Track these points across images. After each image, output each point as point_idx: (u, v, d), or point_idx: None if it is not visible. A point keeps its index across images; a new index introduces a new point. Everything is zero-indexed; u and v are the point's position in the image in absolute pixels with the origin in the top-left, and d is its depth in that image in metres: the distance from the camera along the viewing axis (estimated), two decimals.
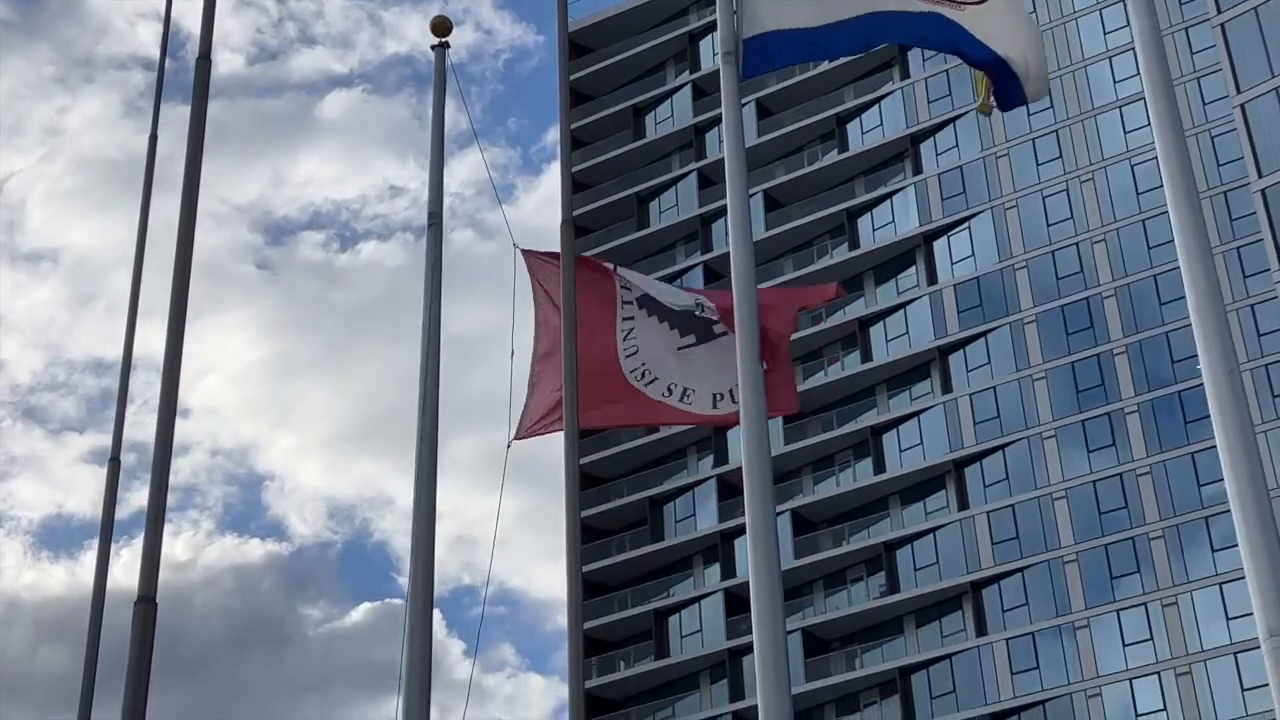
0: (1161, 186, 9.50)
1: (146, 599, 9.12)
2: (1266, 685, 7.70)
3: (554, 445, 12.86)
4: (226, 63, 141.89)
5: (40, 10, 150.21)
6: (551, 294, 13.38)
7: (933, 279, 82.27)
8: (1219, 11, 66.56)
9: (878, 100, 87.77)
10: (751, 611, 9.14)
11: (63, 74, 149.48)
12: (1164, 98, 9.04)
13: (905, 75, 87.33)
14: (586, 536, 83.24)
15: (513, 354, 13.35)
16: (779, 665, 8.69)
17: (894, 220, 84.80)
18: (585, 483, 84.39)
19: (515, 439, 13.19)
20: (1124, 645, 70.59)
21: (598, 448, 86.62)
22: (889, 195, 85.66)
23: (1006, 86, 10.69)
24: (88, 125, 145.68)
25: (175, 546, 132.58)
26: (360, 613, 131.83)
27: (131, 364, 13.42)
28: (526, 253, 13.94)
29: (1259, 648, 7.79)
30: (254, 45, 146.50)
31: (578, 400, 12.33)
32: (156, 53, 14.02)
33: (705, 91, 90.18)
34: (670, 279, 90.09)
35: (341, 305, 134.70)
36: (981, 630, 73.89)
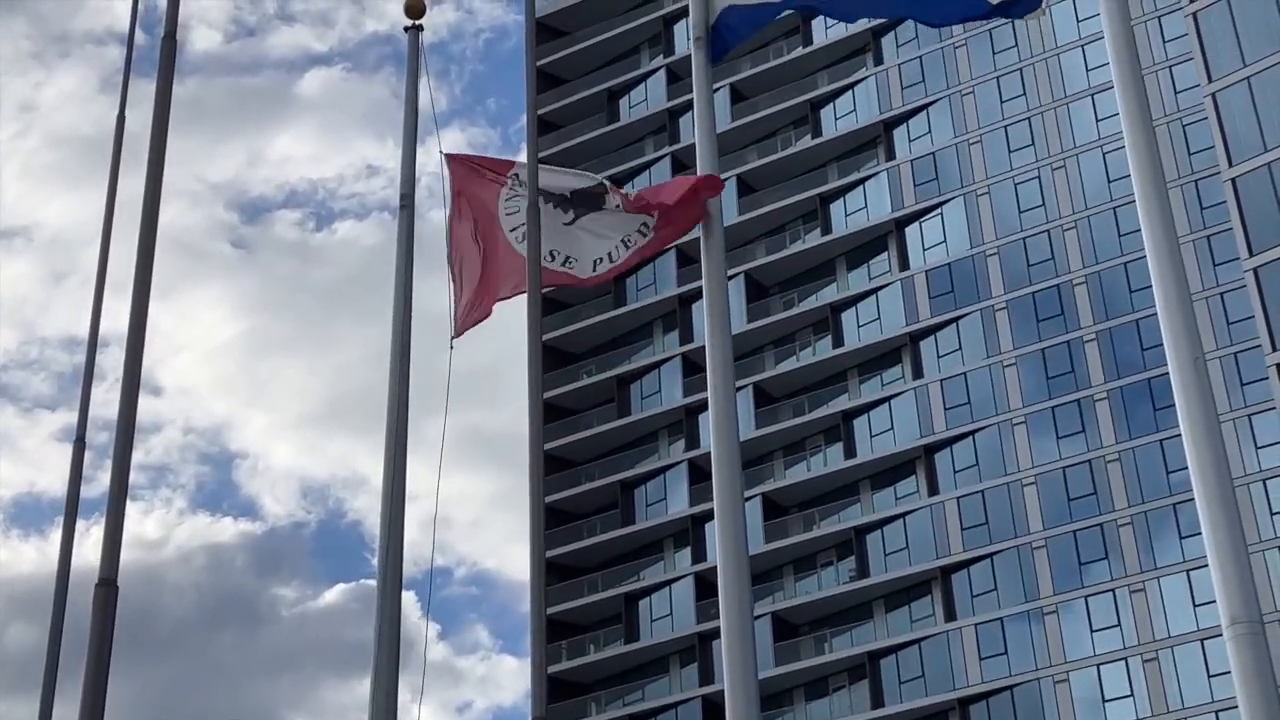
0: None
1: (107, 581, 9.09)
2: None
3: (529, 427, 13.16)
4: (204, 39, 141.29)
5: None
6: (470, 197, 13.89)
7: (905, 265, 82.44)
8: (1191, 0, 66.74)
9: (851, 86, 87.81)
10: (719, 596, 9.17)
11: (38, 49, 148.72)
12: (1133, 91, 9.08)
13: (879, 61, 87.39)
14: (557, 520, 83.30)
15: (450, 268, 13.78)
16: (745, 649, 8.72)
17: (866, 206, 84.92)
18: (555, 466, 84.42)
19: (455, 336, 13.61)
20: (1092, 631, 70.96)
21: (568, 431, 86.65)
22: (862, 181, 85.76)
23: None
24: (62, 101, 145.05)
25: (147, 525, 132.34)
26: (334, 593, 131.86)
27: (98, 344, 13.37)
28: (450, 157, 14.22)
29: None
30: (232, 22, 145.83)
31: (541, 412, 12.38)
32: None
33: (679, 75, 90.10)
34: (643, 264, 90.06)
35: (316, 284, 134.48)
36: (950, 615, 74.19)
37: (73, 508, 12.61)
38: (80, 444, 13.09)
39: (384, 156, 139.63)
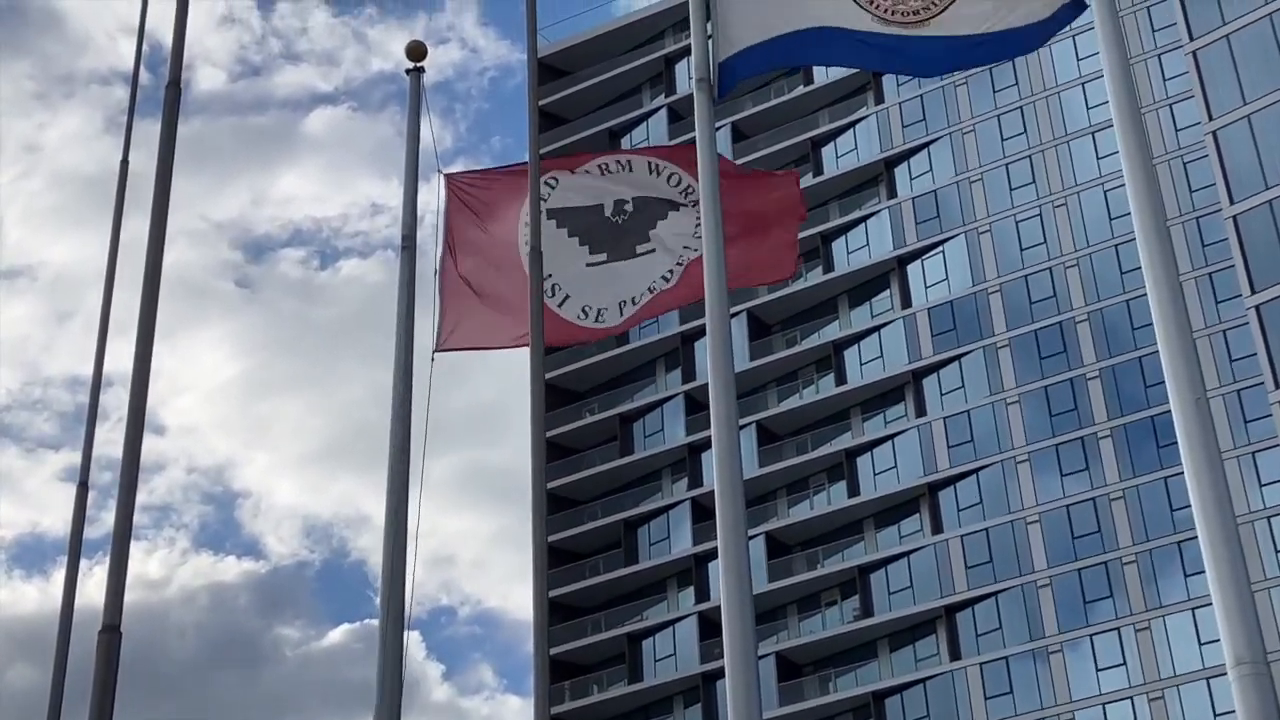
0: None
1: (111, 628, 9.09)
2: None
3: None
4: (209, 79, 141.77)
5: (22, 25, 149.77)
6: (478, 212, 13.80)
7: (907, 302, 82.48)
8: (1191, 38, 67.01)
9: (852, 125, 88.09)
10: (723, 635, 9.15)
11: (43, 90, 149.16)
12: (1133, 130, 9.12)
13: (880, 100, 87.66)
14: (559, 559, 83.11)
15: (436, 272, 13.88)
16: (750, 689, 8.70)
17: (868, 244, 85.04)
18: (558, 505, 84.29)
19: (438, 350, 13.60)
20: (1097, 670, 70.70)
21: (571, 470, 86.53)
22: (863, 219, 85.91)
23: (1022, 37, 10.71)
24: (66, 141, 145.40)
25: (150, 565, 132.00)
26: (338, 633, 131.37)
27: (102, 386, 13.39)
28: (451, 179, 14.28)
29: None
30: (237, 62, 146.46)
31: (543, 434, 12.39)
32: (140, 67, 14.01)
33: (681, 115, 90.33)
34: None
35: (320, 323, 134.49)
36: (955, 655, 73.94)
37: (75, 554, 12.61)
38: (83, 488, 13.09)
39: (388, 195, 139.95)
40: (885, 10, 10.53)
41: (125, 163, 13.49)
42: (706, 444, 61.88)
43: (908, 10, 10.53)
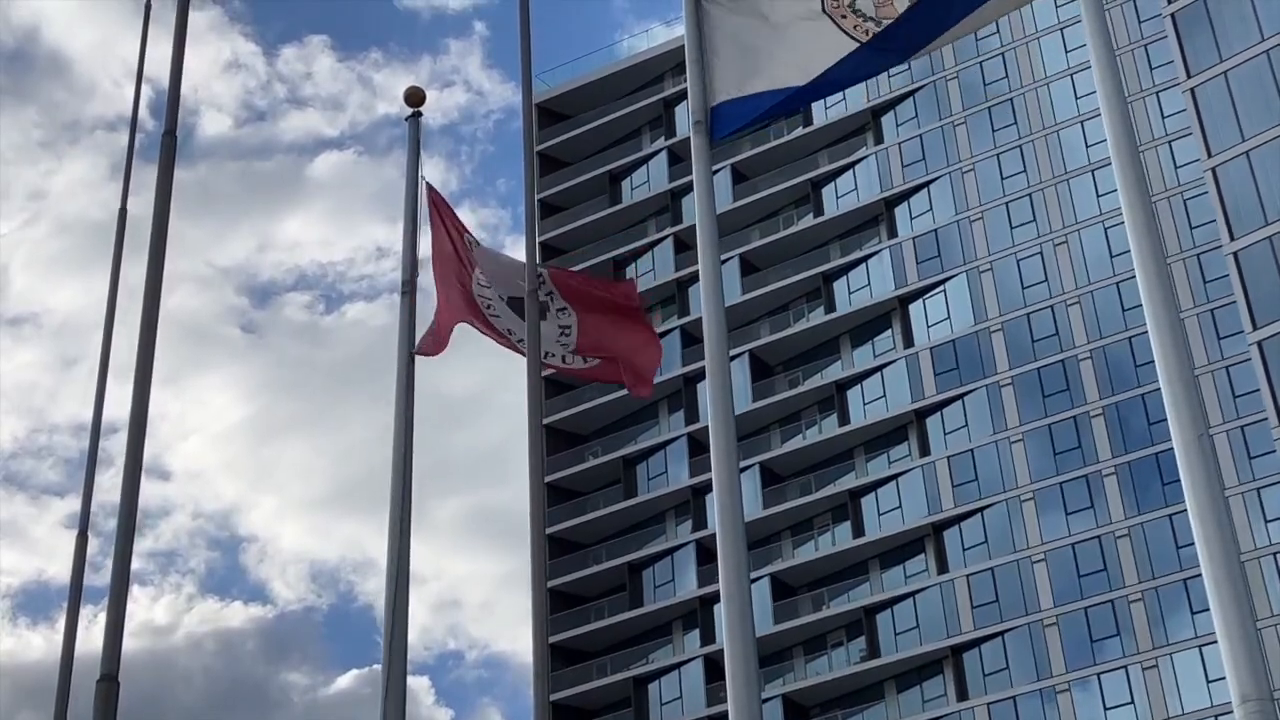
0: None
1: (109, 678, 9.04)
2: None
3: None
4: (214, 124, 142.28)
5: (28, 72, 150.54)
6: (448, 225, 14.75)
7: (909, 342, 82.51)
8: (1189, 76, 67.20)
9: (852, 165, 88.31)
10: (726, 678, 9.10)
11: (49, 137, 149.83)
12: (1131, 167, 9.11)
13: (879, 140, 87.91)
14: (564, 603, 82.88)
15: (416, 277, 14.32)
16: None
17: (869, 283, 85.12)
18: (563, 548, 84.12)
19: (419, 353, 14.01)
20: (1105, 709, 70.38)
21: (574, 513, 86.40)
22: (864, 259, 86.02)
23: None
24: (72, 188, 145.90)
25: (156, 611, 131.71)
26: (347, 679, 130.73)
27: (107, 430, 13.37)
28: (431, 189, 14.82)
29: None
30: (243, 107, 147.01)
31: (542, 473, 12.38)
32: (144, 114, 14.11)
33: (681, 157, 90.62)
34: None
35: (325, 366, 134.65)
36: (962, 694, 73.63)
37: (75, 602, 12.56)
38: (83, 536, 13.06)
39: (393, 238, 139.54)
40: (863, 31, 10.57)
41: (124, 210, 13.52)
42: (710, 485, 61.75)
43: (878, 16, 10.55)
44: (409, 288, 14.33)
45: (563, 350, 14.02)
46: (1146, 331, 8.74)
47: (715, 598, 77.59)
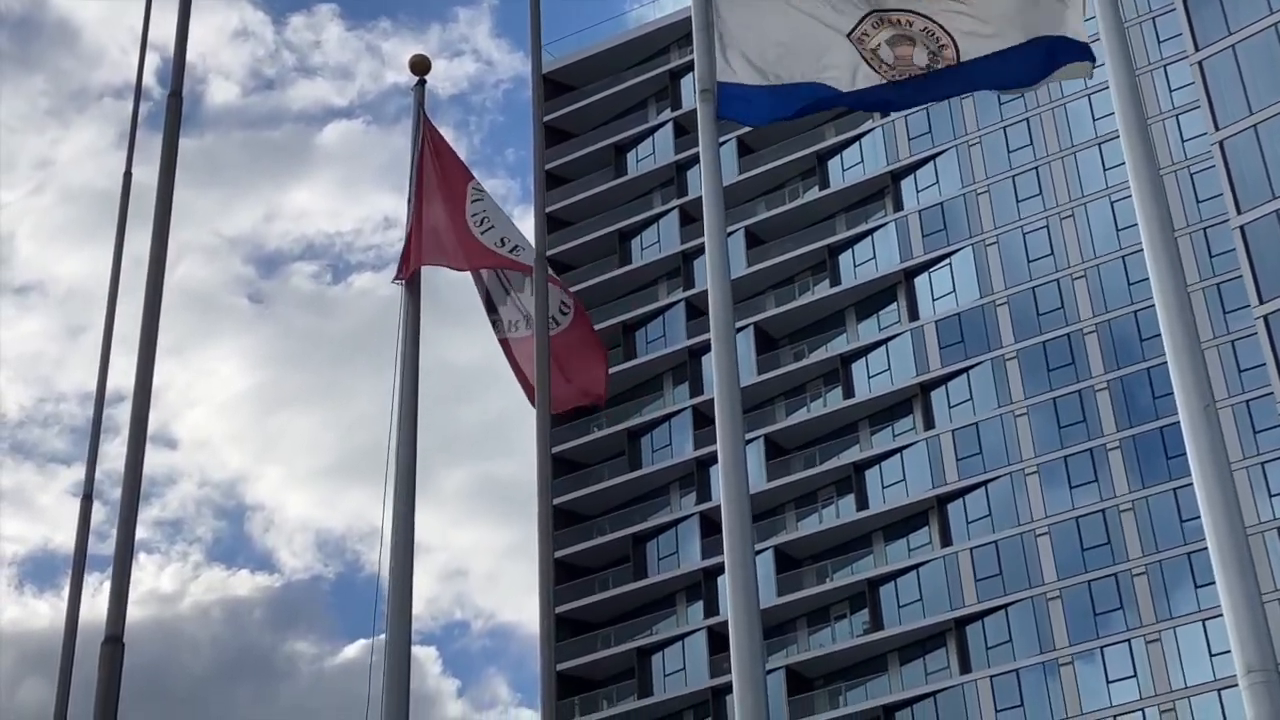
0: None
1: (114, 639, 9.02)
2: None
3: None
4: (222, 93, 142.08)
5: (36, 39, 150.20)
6: (442, 157, 14.61)
7: (914, 315, 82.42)
8: (1197, 49, 66.98)
9: (858, 137, 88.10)
10: (730, 650, 9.10)
11: (56, 106, 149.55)
12: (1139, 141, 9.08)
13: (885, 113, 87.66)
14: (568, 575, 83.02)
15: (409, 200, 14.34)
16: (758, 704, 8.65)
17: (875, 257, 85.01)
18: (567, 520, 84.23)
19: (397, 279, 13.97)
20: (1108, 682, 70.50)
21: (579, 485, 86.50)
22: (870, 232, 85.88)
23: (1048, 57, 10.64)
24: (79, 157, 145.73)
25: (163, 579, 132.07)
26: (354, 649, 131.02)
27: (114, 398, 13.37)
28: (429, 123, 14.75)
29: None
30: (251, 76, 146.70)
31: (548, 410, 12.37)
32: (151, 81, 14.08)
33: (686, 129, 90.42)
34: (652, 316, 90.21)
35: (333, 336, 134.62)
36: (965, 668, 73.76)
37: (80, 567, 12.57)
38: (87, 501, 13.06)
39: (402, 208, 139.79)
40: (896, 72, 10.46)
41: (129, 175, 13.46)
42: (715, 458, 61.74)
43: (918, 67, 10.46)
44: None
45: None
46: (1152, 305, 8.72)
47: (719, 570, 77.72)
